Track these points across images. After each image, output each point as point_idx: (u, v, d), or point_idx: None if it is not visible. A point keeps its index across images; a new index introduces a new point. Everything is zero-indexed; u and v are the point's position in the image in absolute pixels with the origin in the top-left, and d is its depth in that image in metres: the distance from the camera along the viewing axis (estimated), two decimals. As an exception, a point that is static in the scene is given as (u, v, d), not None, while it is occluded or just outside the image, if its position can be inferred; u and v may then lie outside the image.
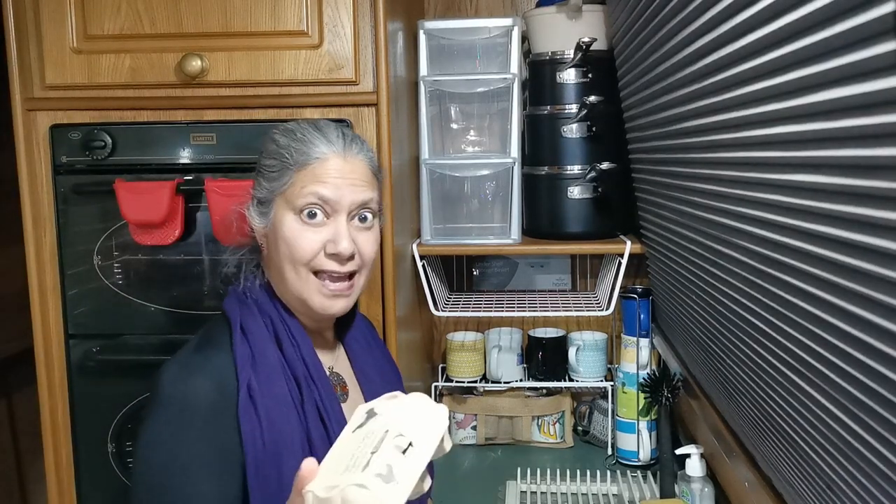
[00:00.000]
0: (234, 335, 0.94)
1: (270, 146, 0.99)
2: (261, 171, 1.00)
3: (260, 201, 0.99)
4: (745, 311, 0.93)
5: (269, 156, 0.99)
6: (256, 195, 1.00)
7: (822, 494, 0.82)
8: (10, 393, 2.05)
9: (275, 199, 0.98)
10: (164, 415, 0.89)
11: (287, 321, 0.99)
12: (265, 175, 0.99)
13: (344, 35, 1.33)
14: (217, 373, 0.91)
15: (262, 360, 0.93)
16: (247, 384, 0.90)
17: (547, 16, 1.62)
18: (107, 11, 1.35)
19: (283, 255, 0.97)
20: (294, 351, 0.97)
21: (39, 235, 1.41)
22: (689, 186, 1.10)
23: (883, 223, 0.54)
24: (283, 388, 0.93)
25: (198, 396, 0.89)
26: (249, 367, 0.92)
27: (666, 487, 1.44)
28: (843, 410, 0.69)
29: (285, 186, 0.96)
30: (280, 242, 0.97)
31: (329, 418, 0.95)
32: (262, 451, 0.89)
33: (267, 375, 0.93)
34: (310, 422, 0.93)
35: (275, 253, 0.98)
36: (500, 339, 1.82)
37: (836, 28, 0.55)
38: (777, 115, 0.71)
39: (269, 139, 1.00)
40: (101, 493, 1.45)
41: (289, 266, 0.97)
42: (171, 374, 0.92)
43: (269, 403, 0.91)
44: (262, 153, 1.00)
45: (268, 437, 0.89)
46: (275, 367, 0.94)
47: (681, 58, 1.01)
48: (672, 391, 1.49)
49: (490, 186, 1.64)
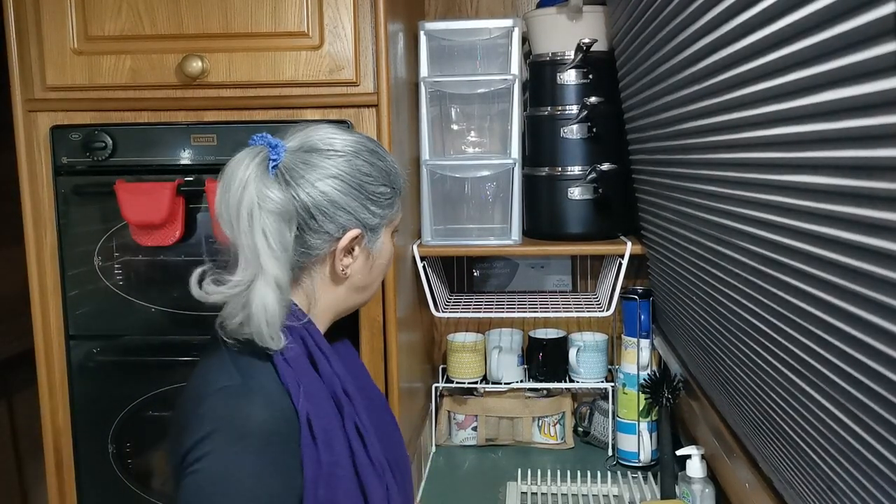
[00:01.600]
0: (277, 360, 0.90)
1: (373, 170, 0.96)
2: (374, 199, 0.96)
3: (373, 229, 0.97)
4: (746, 312, 0.93)
5: (380, 182, 0.96)
6: (371, 223, 0.96)
7: (822, 495, 0.82)
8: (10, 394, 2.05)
9: (385, 226, 1.00)
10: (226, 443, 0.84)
11: (314, 336, 0.96)
12: (380, 203, 0.96)
13: (344, 36, 1.33)
14: (273, 399, 0.88)
15: (308, 383, 0.91)
16: (305, 412, 0.88)
17: (547, 17, 1.62)
18: (107, 12, 1.35)
19: (381, 273, 1.04)
20: (328, 367, 0.95)
21: (40, 236, 1.41)
22: (689, 187, 1.10)
23: (883, 224, 0.54)
24: (329, 410, 0.92)
25: (259, 422, 0.85)
26: (302, 393, 0.89)
27: (666, 488, 1.44)
28: (843, 411, 0.69)
29: (395, 213, 1.01)
30: (387, 264, 1.03)
31: (366, 430, 0.95)
32: (321, 477, 0.88)
33: (316, 400, 0.91)
34: (351, 437, 0.93)
35: (373, 274, 1.01)
36: (500, 339, 1.81)
37: (837, 29, 0.55)
38: (778, 116, 0.71)
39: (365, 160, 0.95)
40: (101, 494, 1.45)
41: (379, 282, 1.05)
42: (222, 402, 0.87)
43: (324, 427, 0.90)
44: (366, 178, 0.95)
45: (325, 461, 0.88)
46: (319, 389, 0.92)
47: (681, 59, 1.01)
48: (672, 392, 1.49)
49: (490, 187, 1.64)
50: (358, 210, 0.94)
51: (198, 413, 0.87)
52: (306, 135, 0.95)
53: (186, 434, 0.86)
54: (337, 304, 1.00)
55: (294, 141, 0.94)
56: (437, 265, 1.77)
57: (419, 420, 1.68)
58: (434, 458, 1.72)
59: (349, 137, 0.96)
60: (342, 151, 0.94)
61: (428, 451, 1.73)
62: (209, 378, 0.90)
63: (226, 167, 0.91)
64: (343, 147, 0.94)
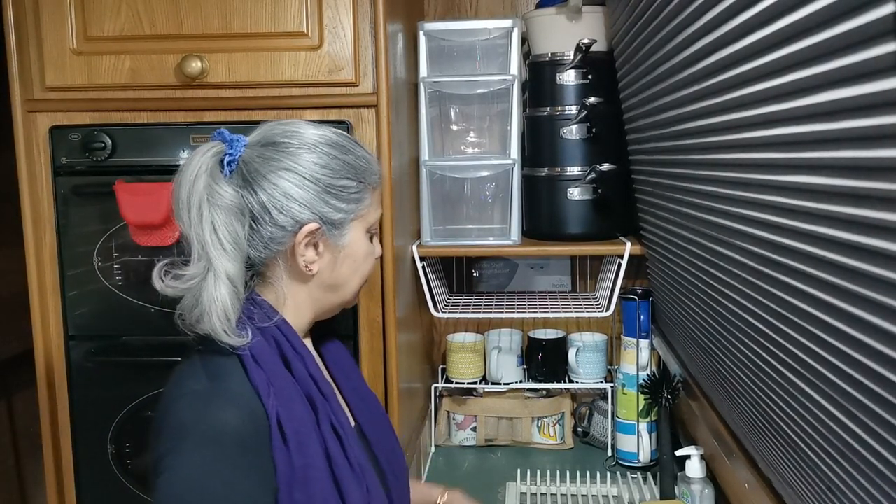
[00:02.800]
0: (246, 361, 0.90)
1: (335, 163, 0.94)
2: (334, 192, 0.94)
3: (335, 224, 0.95)
4: (745, 313, 0.93)
5: (342, 175, 0.94)
6: (332, 217, 0.95)
7: (821, 495, 0.82)
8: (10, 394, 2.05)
9: (351, 221, 0.97)
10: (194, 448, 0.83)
11: (287, 335, 0.95)
12: (342, 196, 0.94)
13: (344, 36, 1.33)
14: (242, 401, 0.86)
15: (279, 384, 0.90)
16: (276, 413, 0.87)
17: (547, 17, 1.62)
18: (107, 13, 1.35)
19: (360, 272, 1.01)
20: (302, 368, 0.94)
21: (39, 237, 1.41)
22: (688, 188, 1.10)
23: (883, 224, 0.54)
24: (303, 411, 0.91)
25: (227, 426, 0.84)
26: (271, 394, 0.88)
27: (666, 489, 1.44)
28: (842, 411, 0.69)
29: (363, 208, 0.98)
30: (359, 261, 1.00)
31: (343, 429, 0.94)
32: (293, 478, 0.87)
33: (287, 400, 0.90)
34: (327, 437, 0.92)
35: (344, 271, 0.98)
36: (499, 340, 1.82)
37: (837, 29, 0.55)
38: (777, 117, 0.71)
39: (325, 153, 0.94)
40: (100, 495, 1.45)
41: (359, 280, 1.02)
42: (188, 406, 0.86)
43: (296, 428, 0.88)
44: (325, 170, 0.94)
45: (297, 464, 0.87)
46: (291, 389, 0.91)
47: (681, 59, 1.01)
48: (672, 392, 1.49)
49: (490, 188, 1.64)
50: (314, 203, 0.93)
51: (167, 419, 0.86)
52: (269, 129, 0.95)
53: (158, 440, 0.85)
54: (312, 303, 0.99)
55: (256, 135, 0.95)
56: (436, 265, 1.77)
57: (418, 420, 1.68)
58: (433, 459, 1.72)
59: (312, 131, 0.95)
60: (298, 144, 0.93)
61: (427, 452, 1.73)
62: (180, 382, 0.90)
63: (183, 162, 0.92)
64: (301, 141, 0.94)
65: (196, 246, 0.89)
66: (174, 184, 0.91)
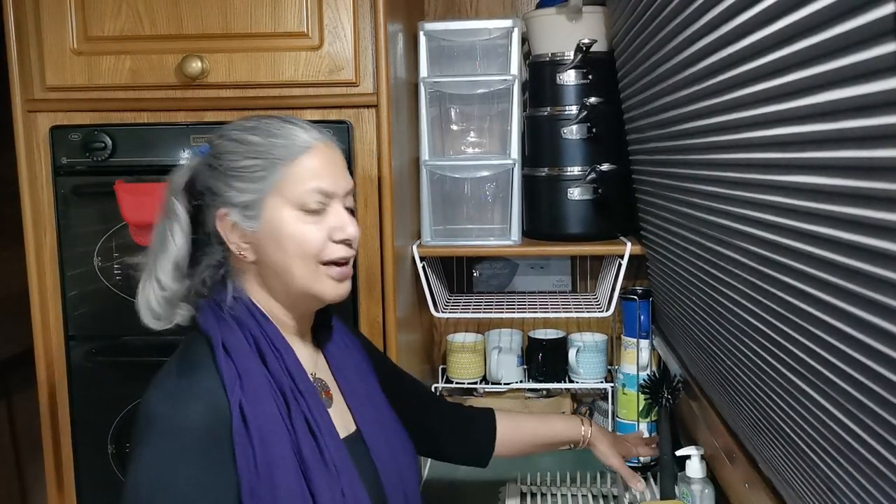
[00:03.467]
0: (217, 354, 0.91)
1: (240, 147, 0.94)
2: (236, 174, 0.94)
3: (245, 206, 0.94)
4: (746, 313, 0.93)
5: (243, 156, 0.94)
6: (237, 200, 0.94)
7: (822, 496, 0.82)
8: (10, 394, 2.05)
9: (264, 200, 0.94)
10: (158, 441, 0.86)
11: (267, 331, 0.95)
12: (245, 177, 0.93)
13: (344, 36, 1.33)
14: (207, 395, 0.88)
15: (249, 378, 0.90)
16: (238, 406, 0.88)
17: (547, 17, 1.62)
18: (107, 13, 1.35)
19: (291, 253, 0.94)
20: (278, 363, 0.94)
21: (39, 237, 1.41)
22: (689, 188, 1.10)
23: (883, 224, 0.54)
24: (272, 406, 0.91)
25: (192, 421, 0.86)
26: (238, 387, 0.89)
27: (666, 489, 1.44)
28: (843, 412, 0.69)
29: (275, 184, 0.93)
30: (285, 241, 0.94)
31: (319, 429, 0.93)
32: (256, 474, 0.87)
33: (255, 394, 0.90)
34: (300, 436, 0.91)
35: (275, 253, 0.94)
36: (500, 340, 1.81)
37: (837, 29, 0.55)
38: (777, 117, 0.71)
39: (232, 139, 0.95)
40: (100, 495, 1.45)
41: (299, 263, 0.94)
42: (158, 399, 0.88)
43: (260, 423, 0.89)
44: (228, 155, 0.95)
45: (260, 459, 0.87)
46: (261, 384, 0.91)
47: (681, 59, 1.01)
48: (672, 392, 1.48)
49: (490, 188, 1.64)
50: (222, 189, 0.95)
51: (141, 408, 0.89)
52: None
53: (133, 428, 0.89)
54: (272, 293, 0.98)
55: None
56: (436, 265, 1.77)
57: (419, 420, 1.68)
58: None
59: (232, 124, 0.99)
60: (214, 141, 0.98)
61: (427, 452, 1.73)
62: (158, 374, 0.93)
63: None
64: (216, 137, 0.98)
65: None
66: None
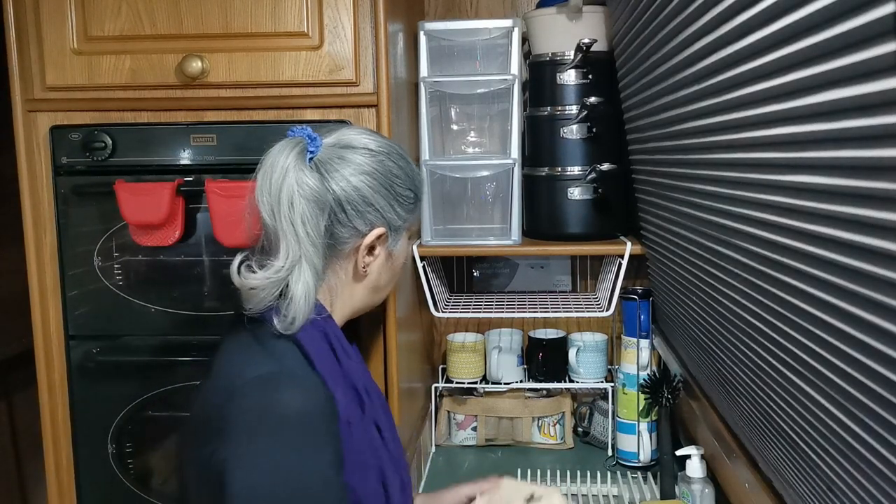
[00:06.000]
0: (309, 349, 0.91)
1: (403, 173, 1.00)
2: (398, 199, 0.99)
3: (396, 230, 1.00)
4: (746, 312, 0.93)
5: (405, 185, 1.00)
6: (394, 223, 0.99)
7: (822, 495, 0.82)
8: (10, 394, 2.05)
9: (406, 229, 1.02)
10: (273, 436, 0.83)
11: (335, 332, 0.98)
12: (403, 205, 1.00)
13: (344, 36, 1.33)
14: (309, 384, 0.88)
15: (335, 376, 0.92)
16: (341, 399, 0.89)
17: (547, 17, 1.62)
18: (107, 12, 1.35)
19: (395, 276, 1.06)
20: (349, 363, 0.97)
21: (40, 237, 1.41)
22: (689, 187, 1.10)
23: (883, 224, 0.54)
24: (354, 402, 0.94)
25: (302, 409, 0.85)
26: (333, 383, 0.90)
27: (666, 488, 1.44)
28: (843, 411, 0.69)
29: (416, 218, 1.04)
30: (398, 266, 1.05)
31: (382, 426, 0.98)
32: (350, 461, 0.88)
33: (343, 392, 0.91)
34: (370, 434, 0.95)
35: (384, 275, 1.02)
36: (500, 340, 1.81)
37: (837, 29, 0.55)
38: (777, 116, 0.71)
39: (398, 165, 0.99)
40: (100, 495, 1.45)
41: (392, 285, 1.07)
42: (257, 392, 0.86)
43: (348, 415, 0.90)
44: (396, 179, 0.99)
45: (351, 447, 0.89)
46: (345, 382, 0.94)
47: (681, 59, 1.01)
48: (672, 392, 1.49)
49: (490, 187, 1.64)
50: (385, 209, 0.97)
51: (232, 407, 0.85)
52: (342, 133, 0.99)
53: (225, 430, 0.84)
54: (353, 302, 1.02)
55: (330, 137, 0.98)
56: (436, 265, 1.77)
57: (419, 420, 1.68)
58: (434, 459, 1.72)
59: (382, 140, 1.00)
60: (375, 151, 0.97)
61: (427, 452, 1.73)
62: (242, 369, 0.89)
63: (266, 156, 0.94)
64: (377, 147, 0.98)
65: (288, 238, 0.91)
66: (260, 178, 0.93)
